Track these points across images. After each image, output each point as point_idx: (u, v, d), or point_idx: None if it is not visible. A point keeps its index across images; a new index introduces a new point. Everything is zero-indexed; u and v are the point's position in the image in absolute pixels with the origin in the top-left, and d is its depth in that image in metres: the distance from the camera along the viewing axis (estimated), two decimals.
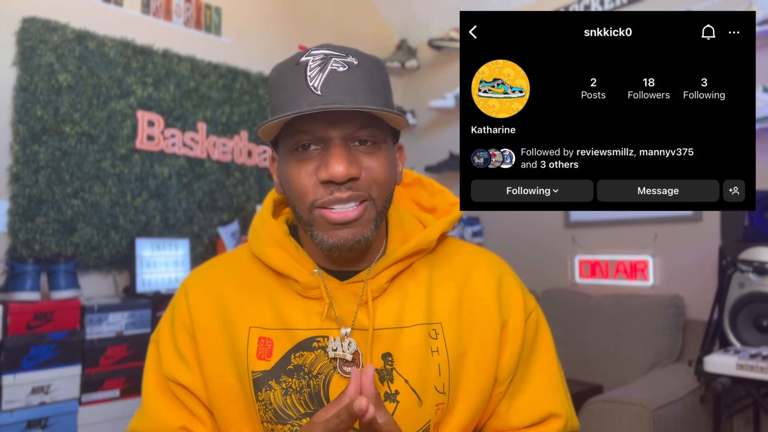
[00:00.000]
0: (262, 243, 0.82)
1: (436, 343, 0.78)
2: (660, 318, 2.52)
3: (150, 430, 0.81)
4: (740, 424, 2.30)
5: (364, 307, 0.78)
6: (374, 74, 0.75)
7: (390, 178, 0.78)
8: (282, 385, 0.76)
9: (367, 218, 0.75)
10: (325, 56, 0.73)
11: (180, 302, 0.84)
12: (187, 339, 0.82)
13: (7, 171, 2.44)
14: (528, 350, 0.86)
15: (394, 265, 0.80)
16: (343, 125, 0.72)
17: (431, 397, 0.77)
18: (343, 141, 0.73)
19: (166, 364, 0.82)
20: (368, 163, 0.75)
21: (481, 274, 0.85)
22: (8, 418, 2.08)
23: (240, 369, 0.77)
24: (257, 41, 3.30)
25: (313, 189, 0.74)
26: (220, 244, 2.94)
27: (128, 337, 2.38)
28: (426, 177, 0.95)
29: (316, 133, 0.73)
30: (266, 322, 0.78)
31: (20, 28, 2.48)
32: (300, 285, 0.78)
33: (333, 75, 0.71)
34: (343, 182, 0.72)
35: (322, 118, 0.72)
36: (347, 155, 0.73)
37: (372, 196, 0.75)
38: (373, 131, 0.75)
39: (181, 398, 0.81)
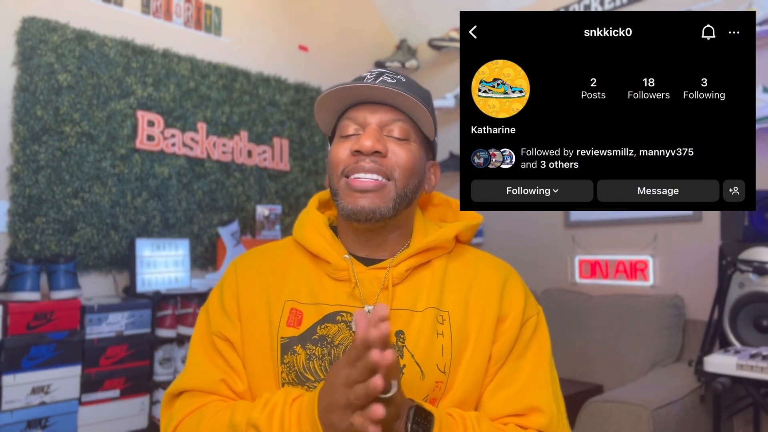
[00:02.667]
0: (305, 230, 0.94)
1: (442, 328, 0.86)
2: (660, 318, 2.52)
3: (193, 384, 0.90)
4: (740, 424, 2.30)
5: (386, 291, 0.88)
6: (419, 90, 0.91)
7: (413, 168, 0.89)
8: (307, 351, 0.86)
9: (385, 194, 0.86)
10: (380, 73, 0.90)
11: (229, 274, 0.96)
12: (233, 302, 0.93)
13: (7, 171, 2.44)
14: (520, 350, 0.89)
15: (414, 256, 0.90)
16: (381, 114, 0.88)
17: (433, 373, 0.85)
18: (378, 125, 0.87)
19: (214, 322, 0.92)
20: (395, 149, 0.87)
21: (488, 272, 0.93)
22: (8, 418, 2.08)
23: (272, 334, 0.88)
24: (257, 41, 3.30)
25: (345, 159, 0.87)
26: (220, 244, 2.94)
27: (128, 337, 2.38)
28: (454, 199, 1.02)
29: (358, 119, 0.88)
30: (300, 297, 0.89)
31: (20, 28, 2.48)
32: (331, 266, 0.89)
33: (383, 84, 0.86)
34: (370, 154, 0.85)
35: (365, 108, 0.88)
36: (378, 134, 0.86)
37: (394, 176, 0.86)
38: (405, 126, 0.89)
39: (223, 352, 0.90)
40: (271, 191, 3.28)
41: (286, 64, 3.41)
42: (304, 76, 3.47)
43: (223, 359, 0.90)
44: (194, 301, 2.60)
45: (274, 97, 3.31)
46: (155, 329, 2.49)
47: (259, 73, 3.26)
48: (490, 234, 3.38)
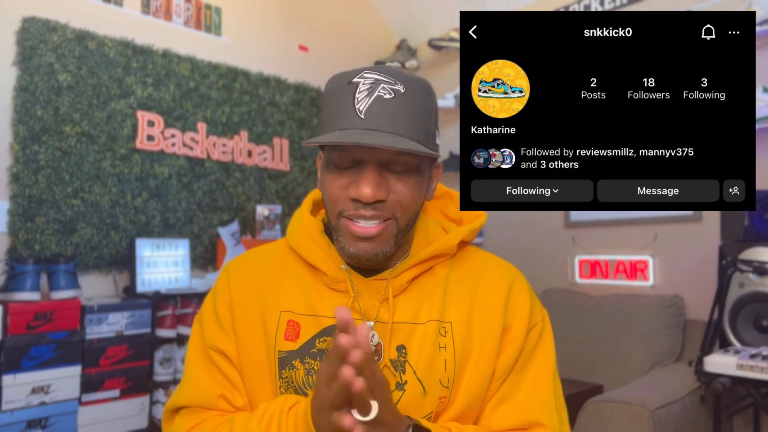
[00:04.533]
0: (299, 237, 0.90)
1: (445, 340, 0.83)
2: (660, 318, 2.52)
3: (191, 400, 0.87)
4: (740, 424, 2.30)
5: (386, 303, 0.84)
6: (419, 103, 0.79)
7: (416, 201, 0.83)
8: (306, 365, 0.83)
9: (387, 235, 0.81)
10: (375, 81, 0.78)
11: (222, 282, 0.93)
12: (227, 312, 0.89)
13: (7, 171, 2.44)
14: (525, 359, 0.87)
15: (415, 266, 0.86)
16: (379, 151, 0.77)
17: (435, 389, 0.82)
18: (376, 165, 0.78)
19: (208, 335, 0.90)
20: (397, 187, 0.80)
21: (493, 279, 0.89)
22: (8, 418, 2.08)
23: (268, 347, 0.85)
24: (257, 41, 3.30)
25: (343, 201, 0.80)
26: (220, 244, 2.94)
27: (128, 337, 2.38)
28: (455, 191, 0.97)
29: (353, 154, 0.78)
30: (296, 308, 0.86)
31: (20, 28, 2.48)
32: (328, 278, 0.86)
33: (378, 101, 0.76)
34: (370, 203, 0.78)
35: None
36: (377, 179, 0.78)
37: (396, 215, 0.81)
38: (406, 159, 0.79)
39: (221, 367, 0.88)
40: (271, 191, 3.28)
41: (286, 64, 3.41)
42: (304, 76, 3.47)
43: (221, 373, 0.88)
44: (194, 301, 2.61)
45: (274, 97, 3.31)
46: (155, 329, 2.49)
47: (259, 73, 3.26)
48: (490, 234, 3.38)
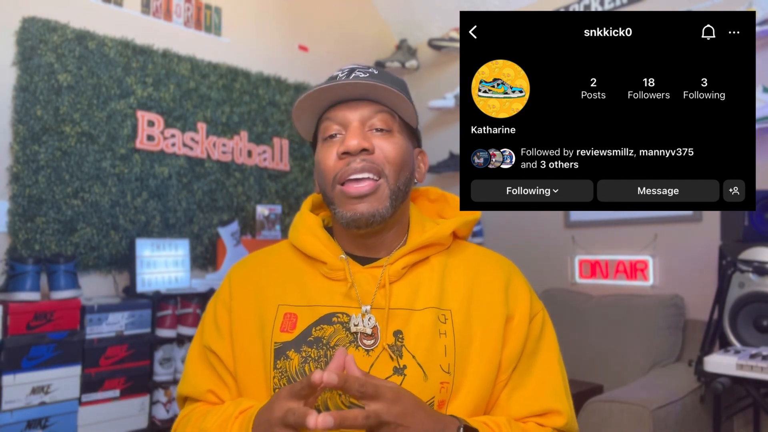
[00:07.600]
0: (299, 233, 0.94)
1: (445, 327, 0.85)
2: (660, 318, 2.52)
3: (186, 391, 0.95)
4: (740, 424, 2.30)
5: (383, 289, 0.87)
6: (394, 81, 0.90)
7: (402, 160, 0.88)
8: (302, 354, 0.85)
9: (381, 195, 0.85)
10: (351, 69, 0.89)
11: (224, 285, 0.97)
12: (225, 314, 0.94)
13: (7, 171, 2.44)
14: (532, 347, 0.90)
15: (411, 254, 0.89)
16: (360, 110, 0.87)
17: (436, 374, 0.83)
18: (359, 123, 0.86)
19: (206, 335, 0.95)
20: (381, 143, 0.87)
21: (491, 269, 0.93)
22: (8, 418, 2.08)
23: (264, 340, 0.87)
24: (257, 41, 3.30)
25: (334, 165, 0.86)
26: (220, 244, 2.94)
27: (128, 337, 2.37)
28: (451, 194, 1.01)
29: (337, 119, 0.87)
30: (293, 300, 0.89)
31: (20, 28, 2.48)
32: (327, 267, 0.89)
33: (356, 77, 0.86)
34: (357, 153, 0.84)
35: (343, 106, 0.87)
36: (361, 132, 0.86)
37: (385, 172, 0.86)
38: (386, 117, 0.88)
39: (214, 365, 0.93)
40: (271, 191, 3.28)
41: (286, 64, 3.41)
42: (304, 76, 3.47)
43: (213, 371, 0.93)
44: (194, 301, 2.60)
45: (274, 97, 3.31)
46: (155, 329, 2.49)
47: (259, 73, 3.26)
48: (490, 234, 3.38)
